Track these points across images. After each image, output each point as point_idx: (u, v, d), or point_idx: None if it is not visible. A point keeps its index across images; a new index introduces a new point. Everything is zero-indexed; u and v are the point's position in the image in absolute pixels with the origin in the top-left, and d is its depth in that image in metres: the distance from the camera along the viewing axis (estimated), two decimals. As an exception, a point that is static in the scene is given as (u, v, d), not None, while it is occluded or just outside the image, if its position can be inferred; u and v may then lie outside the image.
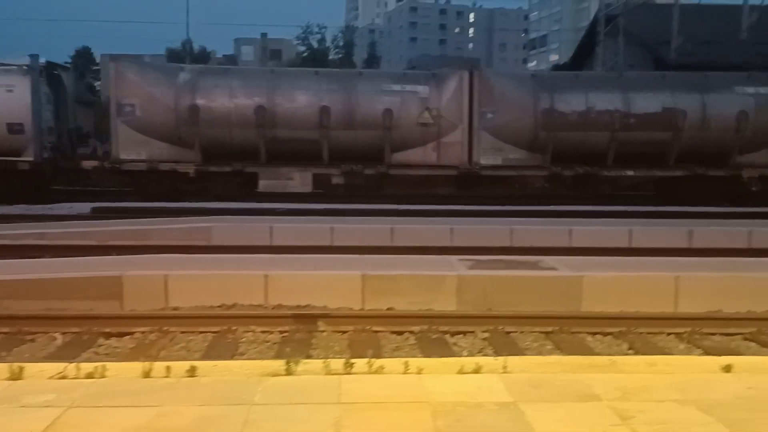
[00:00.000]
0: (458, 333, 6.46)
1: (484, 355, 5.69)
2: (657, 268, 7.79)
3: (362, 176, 15.98)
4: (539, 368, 3.93)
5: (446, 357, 4.71)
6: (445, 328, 6.51)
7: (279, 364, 3.78)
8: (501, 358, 4.08)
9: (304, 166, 15.82)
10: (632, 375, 3.81)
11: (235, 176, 15.60)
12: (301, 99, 15.57)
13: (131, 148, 15.22)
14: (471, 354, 5.80)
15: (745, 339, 6.34)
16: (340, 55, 45.26)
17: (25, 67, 15.39)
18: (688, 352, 5.94)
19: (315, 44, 45.47)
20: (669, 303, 7.25)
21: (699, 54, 19.53)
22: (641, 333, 6.44)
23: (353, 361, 3.81)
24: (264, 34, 64.64)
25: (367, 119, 15.50)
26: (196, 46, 51.04)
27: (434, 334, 6.39)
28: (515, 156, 15.97)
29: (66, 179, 17.25)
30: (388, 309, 6.98)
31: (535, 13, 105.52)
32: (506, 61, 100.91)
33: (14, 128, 15.05)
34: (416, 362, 3.92)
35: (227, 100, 15.44)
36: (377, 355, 5.30)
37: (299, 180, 16.08)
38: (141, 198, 15.14)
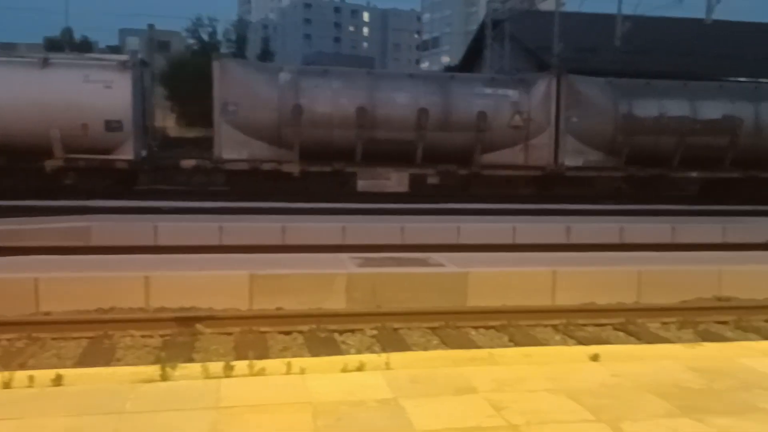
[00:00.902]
0: (347, 331, 6.47)
1: (372, 353, 5.74)
2: (537, 263, 8.15)
3: (456, 176, 16.42)
4: (421, 363, 4.00)
5: (334, 356, 4.70)
6: (334, 327, 6.50)
7: (154, 370, 3.62)
8: (384, 355, 4.11)
9: (400, 166, 16.09)
10: (509, 366, 3.95)
11: (334, 176, 15.83)
12: (400, 101, 15.82)
13: (233, 148, 15.13)
14: (359, 352, 5.83)
15: (615, 329, 6.76)
16: (232, 50, 44.16)
17: (124, 63, 14.85)
18: (563, 343, 6.25)
19: (205, 37, 44.11)
20: (547, 296, 7.61)
21: (577, 60, 20.64)
22: (521, 326, 6.71)
23: (234, 363, 3.71)
24: (151, 26, 62.05)
25: (461, 121, 15.92)
26: (77, 36, 48.01)
27: (323, 333, 6.36)
28: (595, 158, 16.81)
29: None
30: (276, 309, 6.89)
31: (428, 15, 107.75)
32: (400, 61, 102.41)
33: (112, 126, 14.36)
34: (299, 362, 3.88)
35: (329, 101, 15.53)
36: (263, 356, 5.22)
37: (396, 180, 16.35)
38: (238, 198, 14.56)
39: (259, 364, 3.77)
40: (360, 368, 3.80)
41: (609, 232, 11.81)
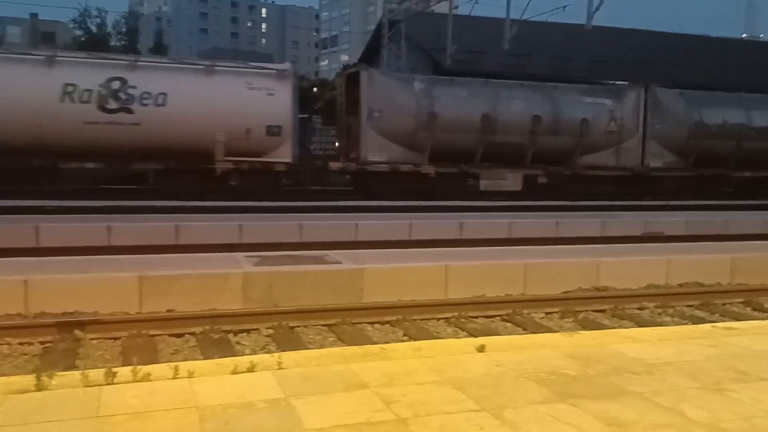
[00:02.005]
0: (242, 331, 6.38)
1: (267, 352, 5.69)
2: (430, 258, 8.35)
3: (562, 176, 18.30)
4: (314, 361, 4.02)
5: (228, 357, 4.61)
6: (229, 327, 6.39)
7: (28, 380, 3.42)
8: (276, 355, 4.09)
9: (513, 167, 17.90)
10: (399, 361, 4.03)
11: (460, 177, 17.46)
12: (517, 108, 17.50)
13: (376, 151, 16.42)
14: (254, 352, 5.76)
15: (503, 320, 7.05)
16: (124, 42, 42.18)
17: (284, 71, 15.76)
18: (455, 335, 6.45)
19: (94, 29, 41.90)
20: (440, 290, 7.83)
21: (469, 62, 21.29)
22: (415, 320, 6.86)
23: (116, 369, 3.57)
24: (34, 15, 58.24)
25: (567, 127, 17.92)
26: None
27: (217, 334, 6.24)
28: (671, 160, 19.29)
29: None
30: (168, 311, 6.68)
31: (326, 13, 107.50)
32: (299, 59, 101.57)
33: (272, 130, 15.25)
34: (187, 366, 3.79)
35: (457, 108, 17.04)
36: (152, 361, 5.05)
37: (512, 180, 18.12)
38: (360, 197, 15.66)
39: (144, 369, 3.65)
40: (251, 369, 3.76)
41: (499, 227, 12.27)
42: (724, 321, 6.45)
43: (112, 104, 14.26)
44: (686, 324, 6.40)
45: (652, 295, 7.96)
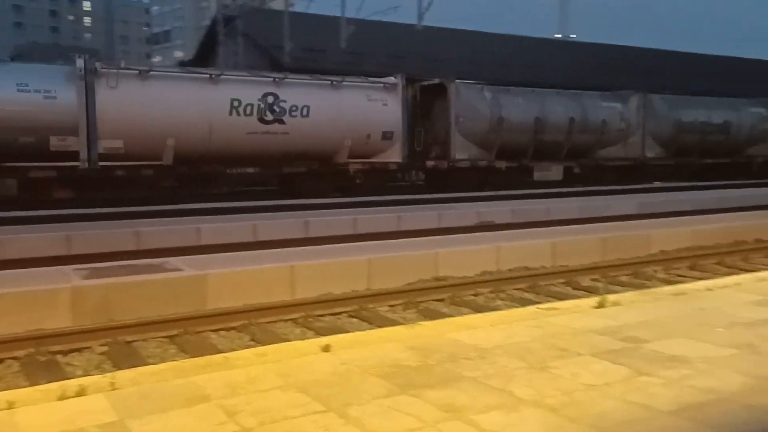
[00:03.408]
0: (73, 351, 5.96)
1: (102, 371, 5.35)
2: (276, 259, 8.30)
3: (588, 167, 22.24)
4: (152, 378, 3.84)
5: (57, 381, 4.28)
6: (58, 348, 5.94)
7: None
8: (109, 375, 3.86)
9: (555, 161, 21.55)
10: (243, 369, 3.97)
11: (520, 170, 20.66)
12: (558, 112, 20.89)
13: (460, 151, 19.15)
14: (86, 372, 5.39)
15: (349, 316, 7.18)
16: None
17: (395, 85, 18.11)
18: (302, 336, 6.46)
19: None
20: (287, 291, 7.80)
21: (307, 59, 21.33)
22: (262, 323, 6.79)
23: None
24: None
25: (592, 126, 21.57)
26: None
27: (44, 356, 5.77)
28: (659, 151, 23.71)
29: None
30: (-17, 336, 6.07)
31: (157, 7, 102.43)
32: (129, 55, 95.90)
33: (386, 135, 17.73)
34: (6, 396, 3.46)
35: (517, 112, 20.01)
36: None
37: (555, 171, 21.93)
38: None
39: (-46, 405, 3.29)
40: (81, 393, 3.52)
41: (343, 223, 12.44)
42: (548, 301, 7.04)
43: (269, 116, 16.23)
44: (515, 307, 6.88)
45: (486, 281, 8.49)
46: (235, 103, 15.71)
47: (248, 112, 15.90)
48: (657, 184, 22.22)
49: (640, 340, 4.56)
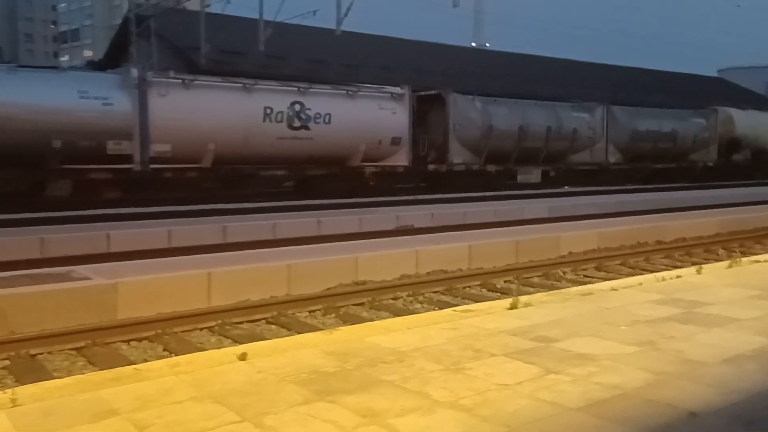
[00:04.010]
0: (-31, 367, 5.59)
1: (2, 387, 5.05)
2: (191, 266, 8.09)
3: (564, 171, 24.72)
4: (56, 393, 3.65)
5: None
6: (-48, 365, 5.56)
7: None
8: (9, 391, 3.65)
9: (535, 165, 23.56)
10: (155, 380, 3.85)
11: (504, 173, 22.71)
12: (538, 121, 23.14)
13: (456, 155, 20.96)
14: (-15, 390, 5.07)
15: (268, 323, 7.08)
16: None
17: (402, 95, 19.74)
18: (219, 344, 6.32)
19: None
20: (203, 298, 7.62)
21: (225, 62, 20.94)
22: (176, 332, 6.60)
23: None
24: None
25: (565, 134, 24.06)
26: None
27: (-65, 374, 5.39)
28: (619, 156, 26.29)
29: None
30: None
31: (64, 4, 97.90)
32: (34, 54, 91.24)
33: (395, 141, 19.39)
34: None
35: (503, 121, 22.19)
36: None
37: (535, 174, 23.58)
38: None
39: None
40: (-23, 412, 3.31)
41: (262, 229, 12.29)
42: (465, 304, 7.18)
43: (296, 123, 17.65)
44: (433, 309, 6.99)
45: (405, 285, 8.58)
46: (268, 111, 17.08)
47: (279, 119, 17.28)
48: (566, 188, 23.20)
49: (550, 339, 4.73)
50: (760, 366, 4.14)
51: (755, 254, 10.23)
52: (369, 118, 18.84)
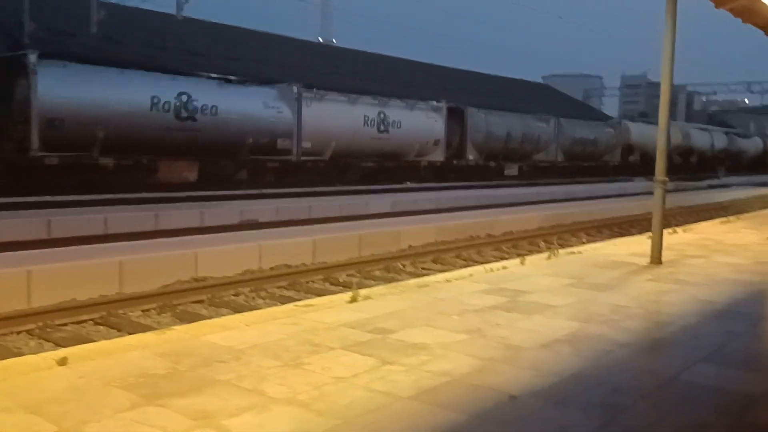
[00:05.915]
0: None
1: None
2: (7, 264, 7.38)
3: (530, 167, 31.26)
4: None
5: None
6: None
7: None
8: None
9: (514, 162, 30.38)
10: (-42, 392, 3.46)
11: (496, 168, 29.45)
12: (517, 128, 29.66)
13: (470, 154, 27.90)
14: None
15: (96, 324, 6.65)
16: None
17: (440, 106, 26.25)
18: (39, 348, 5.84)
19: None
20: (22, 299, 6.99)
21: (54, 43, 19.27)
22: (-11, 338, 6.00)
23: None
24: None
25: (533, 139, 30.73)
26: None
27: None
28: (562, 157, 33.31)
29: None
30: None
31: None
32: None
33: (436, 142, 25.69)
34: None
35: (497, 128, 28.67)
36: None
37: (515, 169, 30.26)
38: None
39: None
40: None
41: (93, 223, 11.48)
42: (307, 298, 7.19)
43: (382, 128, 23.32)
44: (275, 305, 6.92)
45: (247, 280, 8.43)
46: (366, 119, 22.81)
47: (372, 124, 23.09)
48: (408, 184, 24.14)
49: (386, 330, 4.87)
50: (573, 349, 4.55)
51: (570, 246, 11.19)
52: (422, 124, 25.15)
